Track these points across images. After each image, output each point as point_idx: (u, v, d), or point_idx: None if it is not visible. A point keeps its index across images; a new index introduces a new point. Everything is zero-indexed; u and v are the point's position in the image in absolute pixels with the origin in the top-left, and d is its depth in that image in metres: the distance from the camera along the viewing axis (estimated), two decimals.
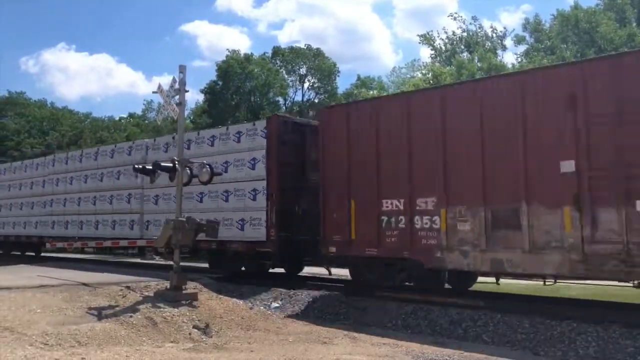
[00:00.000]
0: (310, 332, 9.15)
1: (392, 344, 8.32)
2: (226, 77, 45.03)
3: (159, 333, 8.37)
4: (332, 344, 8.29)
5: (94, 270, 14.15)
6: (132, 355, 6.90)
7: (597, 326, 8.07)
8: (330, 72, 48.33)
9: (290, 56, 48.74)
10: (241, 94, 45.42)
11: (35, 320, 8.28)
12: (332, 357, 7.22)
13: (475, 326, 8.91)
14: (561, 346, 7.86)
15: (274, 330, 9.30)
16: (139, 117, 58.05)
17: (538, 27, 35.33)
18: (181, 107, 10.89)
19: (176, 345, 7.93)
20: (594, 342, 7.76)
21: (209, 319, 9.25)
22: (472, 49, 37.74)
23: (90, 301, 9.77)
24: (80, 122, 58.05)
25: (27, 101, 58.62)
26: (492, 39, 39.39)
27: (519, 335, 8.38)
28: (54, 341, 7.39)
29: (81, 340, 7.55)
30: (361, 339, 8.66)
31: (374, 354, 7.55)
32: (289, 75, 49.08)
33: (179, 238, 10.22)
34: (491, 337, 8.53)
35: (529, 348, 8.00)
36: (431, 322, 9.38)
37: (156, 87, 11.17)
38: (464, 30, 39.64)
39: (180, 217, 10.39)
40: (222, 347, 7.88)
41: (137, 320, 8.66)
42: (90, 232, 17.73)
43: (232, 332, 9.00)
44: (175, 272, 10.20)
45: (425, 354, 7.60)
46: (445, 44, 39.78)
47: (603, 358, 7.41)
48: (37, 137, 51.17)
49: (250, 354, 7.41)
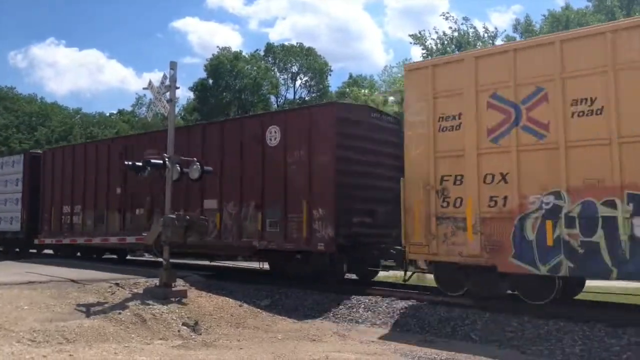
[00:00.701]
0: (299, 329, 9.17)
1: (381, 342, 8.37)
2: (216, 75, 44.90)
3: (148, 330, 8.35)
4: (321, 341, 8.32)
5: (82, 267, 14.07)
6: (121, 352, 6.88)
7: (583, 325, 8.15)
8: (322, 71, 48.36)
9: (282, 54, 48.70)
10: (232, 91, 45.34)
11: (23, 317, 8.22)
12: (322, 354, 7.24)
13: (463, 324, 8.97)
14: (548, 345, 7.93)
15: (264, 327, 9.31)
16: (128, 113, 57.76)
17: (529, 27, 35.51)
18: (172, 103, 10.87)
19: (165, 342, 7.92)
20: (580, 340, 7.84)
21: (198, 317, 9.24)
22: (463, 48, 37.87)
23: (79, 298, 9.73)
24: (70, 118, 57.66)
25: (17, 96, 58.14)
26: (484, 39, 39.54)
27: (507, 333, 8.44)
28: (42, 338, 7.36)
29: (69, 337, 7.51)
30: (350, 337, 8.70)
31: (362, 352, 7.58)
32: (281, 73, 49.02)
33: (168, 235, 10.20)
34: (479, 336, 8.59)
35: (517, 347, 8.06)
36: (420, 320, 9.42)
37: (147, 84, 11.16)
38: (455, 30, 39.76)
39: (169, 215, 10.38)
40: (212, 345, 7.87)
41: (126, 317, 8.63)
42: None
43: (221, 329, 9.01)
44: (164, 270, 10.19)
45: (413, 352, 7.64)
46: (437, 43, 39.88)
47: (589, 356, 7.48)
48: (25, 132, 50.77)
49: (239, 352, 7.41)
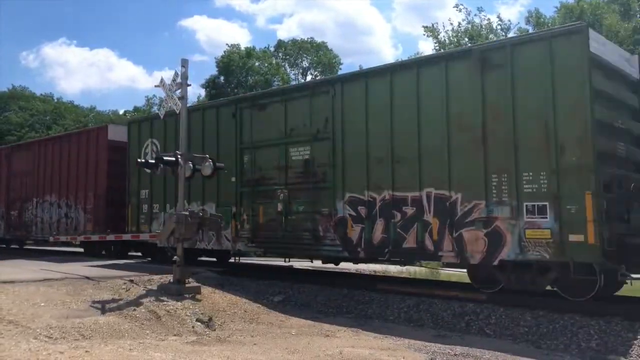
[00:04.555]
0: (312, 325, 9.18)
1: (394, 337, 8.35)
2: (227, 72, 44.97)
3: (162, 326, 8.42)
4: (334, 337, 8.32)
5: (96, 264, 14.19)
6: (136, 349, 6.93)
7: (599, 319, 8.08)
8: (332, 65, 48.22)
9: (293, 49, 48.65)
10: (243, 88, 45.39)
11: (39, 314, 8.32)
12: (335, 350, 7.24)
13: (477, 319, 8.93)
14: (563, 339, 7.87)
15: (277, 323, 9.33)
16: (143, 110, 58.00)
17: (539, 19, 35.06)
18: (183, 100, 10.90)
19: (179, 338, 7.96)
20: (596, 335, 7.77)
21: (212, 312, 9.29)
22: (475, 41, 37.53)
23: (94, 295, 9.82)
24: (83, 116, 58.11)
25: (31, 95, 58.71)
26: (496, 31, 39.16)
27: (521, 328, 8.39)
28: (58, 334, 7.44)
29: (85, 334, 7.59)
30: (364, 332, 8.69)
31: (376, 347, 7.57)
32: (291, 69, 48.97)
33: (181, 232, 10.26)
34: (493, 330, 8.55)
35: (531, 341, 8.01)
36: (434, 316, 9.39)
37: (158, 81, 11.20)
38: (468, 22, 39.42)
39: (182, 211, 10.43)
40: (225, 340, 7.91)
41: (141, 314, 8.70)
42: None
43: (235, 325, 9.05)
44: (178, 266, 10.25)
45: (427, 347, 7.62)
46: (449, 36, 39.58)
47: (605, 351, 7.41)
48: (40, 131, 51.22)
49: (253, 347, 7.44)
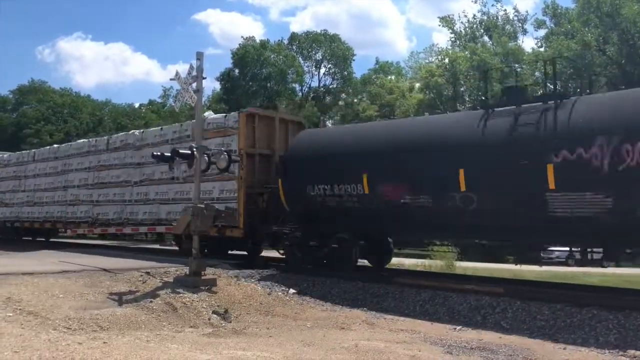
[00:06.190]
0: (328, 317, 9.18)
1: (410, 330, 8.32)
2: (242, 64, 44.96)
3: (178, 318, 8.47)
4: (350, 329, 8.32)
5: (113, 256, 14.34)
6: (153, 340, 6.98)
7: (618, 313, 7.97)
8: (346, 57, 47.97)
9: (307, 42, 48.48)
10: (258, 81, 45.39)
11: (58, 305, 8.42)
12: (351, 342, 7.24)
13: (494, 313, 8.87)
14: (581, 333, 7.78)
15: (292, 315, 9.35)
16: (158, 104, 58.36)
17: (557, 11, 34.55)
18: (199, 93, 10.92)
19: (196, 330, 8.02)
20: (615, 329, 7.67)
21: (228, 305, 9.34)
22: (491, 32, 37.13)
23: (111, 287, 9.92)
24: (99, 110, 58.63)
25: (50, 89, 59.35)
26: (513, 22, 38.67)
27: (538, 322, 8.32)
28: (77, 325, 7.53)
29: (103, 325, 7.67)
30: (379, 325, 8.68)
31: (392, 340, 7.55)
32: (305, 61, 48.82)
33: (197, 224, 10.30)
34: (510, 324, 8.48)
35: (548, 335, 7.93)
36: (449, 309, 9.34)
37: (174, 74, 11.22)
38: (484, 13, 38.97)
39: (198, 204, 10.47)
40: (241, 332, 7.94)
41: (157, 306, 8.77)
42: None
43: (250, 317, 9.09)
44: (194, 258, 10.30)
45: (443, 340, 7.58)
46: (465, 27, 39.18)
47: (624, 345, 7.31)
48: (56, 124, 51.72)
49: (269, 339, 7.46)
